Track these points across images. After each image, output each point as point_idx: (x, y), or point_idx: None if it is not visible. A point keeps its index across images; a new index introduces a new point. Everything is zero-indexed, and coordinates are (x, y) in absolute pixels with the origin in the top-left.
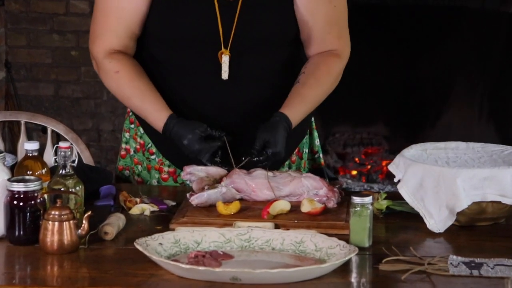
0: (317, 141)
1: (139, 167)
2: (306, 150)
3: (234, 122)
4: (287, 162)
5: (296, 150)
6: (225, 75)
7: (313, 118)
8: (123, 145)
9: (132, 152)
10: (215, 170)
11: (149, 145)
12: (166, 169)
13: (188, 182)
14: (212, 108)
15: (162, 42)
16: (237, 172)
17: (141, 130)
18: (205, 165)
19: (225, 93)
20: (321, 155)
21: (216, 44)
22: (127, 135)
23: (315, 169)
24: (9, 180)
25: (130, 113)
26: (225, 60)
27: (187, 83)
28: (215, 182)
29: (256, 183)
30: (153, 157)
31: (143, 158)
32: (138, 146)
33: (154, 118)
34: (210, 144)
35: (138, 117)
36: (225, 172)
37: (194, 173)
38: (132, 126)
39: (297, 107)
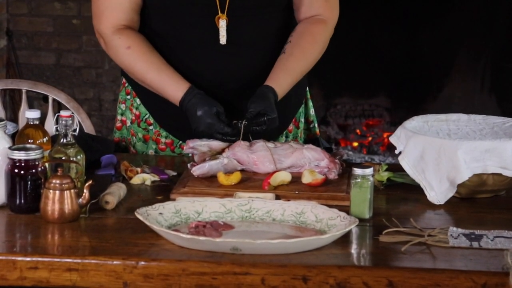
0: (312, 111)
1: (134, 138)
2: (302, 120)
3: (234, 88)
4: (284, 132)
5: (293, 120)
6: (223, 39)
7: (308, 88)
8: (119, 117)
9: (128, 124)
10: (217, 144)
11: (146, 116)
12: (163, 140)
13: (189, 155)
14: (212, 75)
15: (160, 12)
16: (238, 145)
17: (138, 101)
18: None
19: (224, 58)
20: (316, 125)
21: (212, 9)
22: (122, 106)
23: (311, 139)
24: (10, 148)
25: (126, 84)
26: (222, 24)
27: (186, 51)
28: (217, 154)
29: (257, 156)
30: (150, 127)
31: (139, 129)
32: (133, 117)
33: (173, 89)
34: (222, 124)
35: (135, 87)
36: (227, 145)
37: (196, 147)
38: (128, 97)
39: (282, 80)
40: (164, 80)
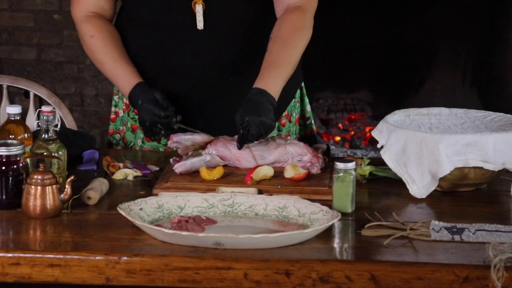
0: (308, 107)
1: (124, 128)
2: (295, 114)
3: (216, 74)
4: (277, 124)
5: (286, 113)
6: (200, 24)
7: (303, 84)
8: (113, 109)
9: (121, 114)
10: (201, 138)
11: None
12: None
13: (174, 149)
14: (193, 60)
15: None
16: (221, 140)
17: None
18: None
19: (201, 44)
20: (312, 121)
21: None
22: (116, 97)
23: (307, 136)
24: None
25: None
26: (199, 9)
27: (166, 37)
28: (200, 148)
29: (240, 152)
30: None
31: (128, 118)
32: (124, 107)
33: (122, 83)
34: (158, 108)
35: None
36: (210, 139)
37: (180, 142)
38: None
39: (271, 75)
40: (117, 73)
